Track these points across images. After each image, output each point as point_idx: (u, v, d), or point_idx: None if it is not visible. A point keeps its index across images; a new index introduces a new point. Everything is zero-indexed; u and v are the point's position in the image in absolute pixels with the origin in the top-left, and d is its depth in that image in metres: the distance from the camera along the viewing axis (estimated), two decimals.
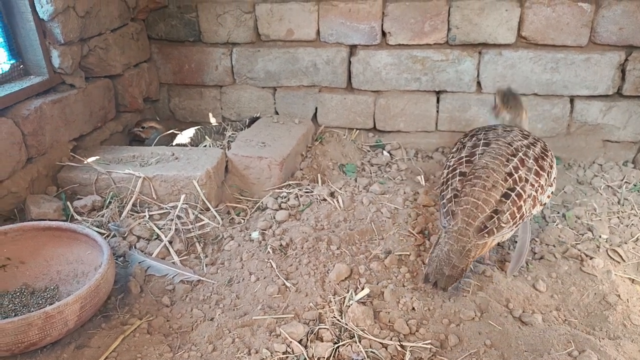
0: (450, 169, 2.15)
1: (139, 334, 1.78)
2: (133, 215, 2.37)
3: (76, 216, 2.33)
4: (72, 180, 2.47)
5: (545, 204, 2.13)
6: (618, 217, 2.50)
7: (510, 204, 1.94)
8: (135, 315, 1.89)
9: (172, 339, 1.77)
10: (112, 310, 1.90)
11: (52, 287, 1.97)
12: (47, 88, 2.55)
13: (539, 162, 2.08)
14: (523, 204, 1.96)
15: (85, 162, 2.54)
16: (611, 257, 2.20)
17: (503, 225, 1.92)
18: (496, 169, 2.01)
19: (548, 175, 2.10)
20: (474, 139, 2.23)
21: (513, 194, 1.95)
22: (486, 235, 1.91)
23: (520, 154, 2.07)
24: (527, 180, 2.00)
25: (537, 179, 2.03)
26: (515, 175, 2.00)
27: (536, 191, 2.02)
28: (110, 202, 2.39)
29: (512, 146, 2.10)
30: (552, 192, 2.15)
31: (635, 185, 2.78)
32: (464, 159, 2.13)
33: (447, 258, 1.91)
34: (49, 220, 2.22)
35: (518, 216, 1.96)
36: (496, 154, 2.07)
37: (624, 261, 2.19)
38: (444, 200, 2.05)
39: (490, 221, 1.92)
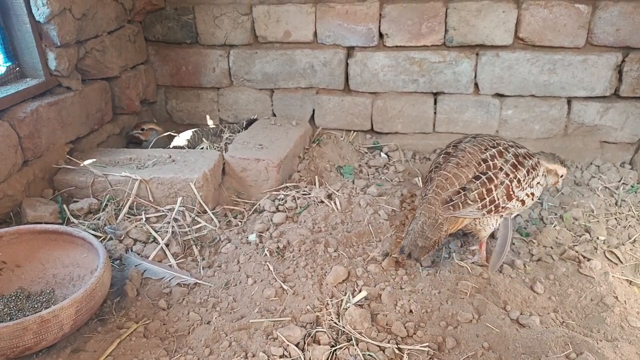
0: (439, 151, 2.32)
1: (135, 337, 1.77)
2: (129, 218, 2.36)
3: (72, 219, 2.32)
4: (68, 183, 2.46)
5: (524, 201, 2.11)
6: (615, 219, 2.50)
7: (479, 184, 2.03)
8: (132, 318, 1.88)
9: (169, 343, 1.76)
10: (108, 313, 1.89)
11: (48, 291, 1.96)
12: (44, 90, 2.54)
13: (518, 158, 2.13)
14: (494, 189, 2.03)
15: (82, 164, 2.53)
16: (609, 259, 2.20)
17: (470, 202, 2.01)
18: (473, 152, 2.13)
19: (528, 173, 2.11)
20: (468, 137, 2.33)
21: (484, 177, 2.04)
22: (451, 208, 2.02)
23: (501, 147, 2.15)
24: (501, 169, 2.07)
25: (514, 170, 2.08)
26: (490, 162, 2.08)
27: (510, 182, 2.06)
28: (106, 205, 2.38)
29: (495, 141, 2.18)
30: (531, 193, 2.14)
31: (632, 187, 2.78)
32: (452, 144, 2.27)
33: (421, 230, 2.04)
34: (45, 223, 2.21)
35: (488, 199, 2.02)
36: (478, 142, 2.18)
37: (622, 263, 2.19)
38: (428, 172, 2.22)
39: (457, 195, 2.02)
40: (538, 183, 2.18)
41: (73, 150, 2.69)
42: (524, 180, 2.10)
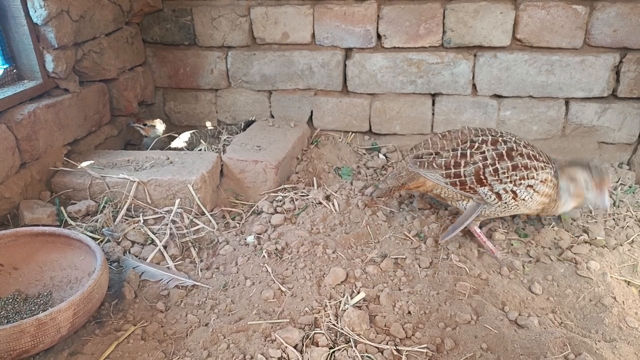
0: None
1: (133, 340, 1.77)
2: (127, 220, 2.36)
3: (70, 221, 2.31)
4: (66, 185, 2.46)
5: (500, 195, 2.08)
6: (614, 219, 2.50)
7: (451, 155, 2.14)
8: (130, 321, 1.87)
9: (167, 345, 1.76)
10: (106, 316, 1.89)
11: (45, 294, 1.96)
12: (41, 92, 2.54)
13: (512, 152, 2.07)
14: (463, 165, 2.10)
15: (79, 166, 2.53)
16: (607, 259, 2.20)
17: (435, 166, 2.15)
18: (466, 133, 2.21)
19: (514, 169, 2.06)
20: None
21: (458, 151, 2.14)
22: (418, 163, 2.20)
23: (500, 139, 2.12)
24: (481, 152, 2.10)
25: (496, 158, 2.07)
26: (476, 144, 2.12)
27: (485, 166, 2.07)
28: (104, 207, 2.38)
29: (503, 135, 2.15)
30: (512, 191, 2.07)
31: (630, 187, 2.78)
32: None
33: (385, 177, 2.39)
34: (43, 225, 2.20)
35: (453, 171, 2.12)
36: (481, 130, 2.20)
37: (620, 263, 2.19)
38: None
39: (428, 155, 2.19)
40: (529, 187, 2.07)
41: (71, 152, 2.69)
42: (503, 173, 2.06)
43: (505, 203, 2.11)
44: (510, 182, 2.07)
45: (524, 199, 2.10)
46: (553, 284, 2.06)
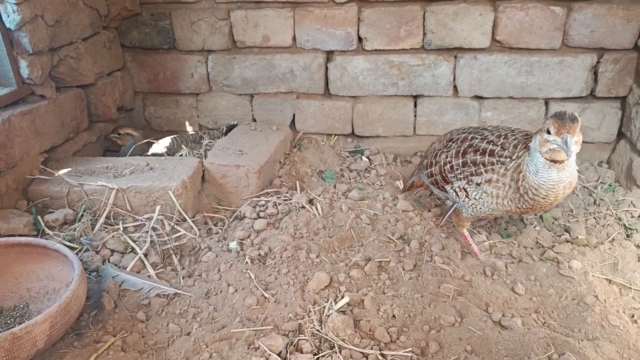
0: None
1: (113, 351, 1.73)
2: (106, 228, 2.31)
3: (47, 230, 2.26)
4: (43, 193, 2.40)
5: (457, 193, 2.16)
6: (594, 218, 2.52)
7: (429, 157, 2.35)
8: (109, 332, 1.83)
9: (148, 356, 1.73)
10: (85, 327, 1.84)
11: (21, 306, 1.91)
12: (16, 99, 2.48)
13: (468, 149, 2.09)
14: (434, 166, 2.28)
15: (57, 174, 2.47)
16: (588, 258, 2.22)
17: (422, 168, 2.42)
18: (453, 132, 2.38)
19: (464, 165, 2.08)
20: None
21: (435, 152, 2.32)
22: (416, 167, 2.54)
23: (470, 135, 2.16)
24: (448, 151, 2.21)
25: (452, 156, 2.17)
26: (450, 143, 2.24)
27: (444, 164, 2.20)
28: (82, 215, 2.33)
29: (483, 131, 2.15)
30: (463, 189, 2.11)
31: (610, 186, 2.81)
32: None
33: (410, 175, 2.69)
34: (19, 235, 2.15)
35: (429, 171, 2.33)
36: (469, 128, 2.30)
37: (601, 262, 2.21)
38: None
39: (422, 159, 2.47)
40: (477, 185, 2.03)
41: (48, 159, 2.63)
42: (457, 169, 2.13)
43: (461, 199, 2.16)
44: (463, 178, 2.11)
45: (472, 194, 2.09)
46: (536, 284, 2.08)
